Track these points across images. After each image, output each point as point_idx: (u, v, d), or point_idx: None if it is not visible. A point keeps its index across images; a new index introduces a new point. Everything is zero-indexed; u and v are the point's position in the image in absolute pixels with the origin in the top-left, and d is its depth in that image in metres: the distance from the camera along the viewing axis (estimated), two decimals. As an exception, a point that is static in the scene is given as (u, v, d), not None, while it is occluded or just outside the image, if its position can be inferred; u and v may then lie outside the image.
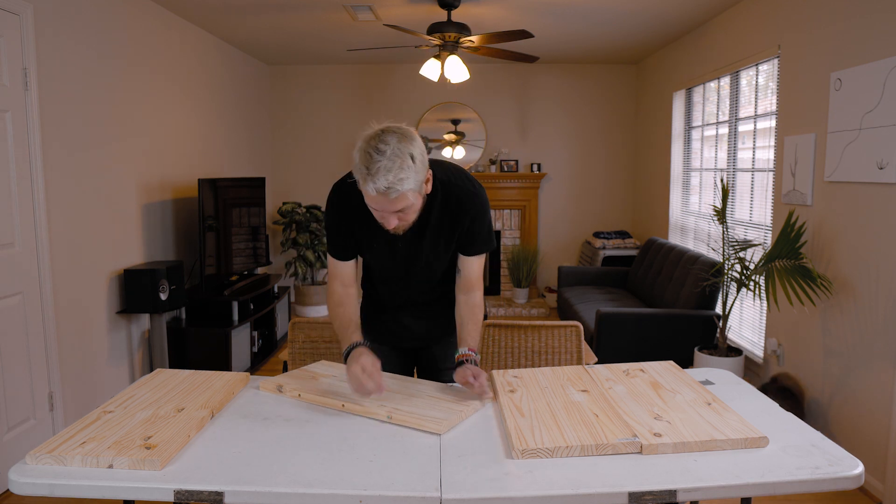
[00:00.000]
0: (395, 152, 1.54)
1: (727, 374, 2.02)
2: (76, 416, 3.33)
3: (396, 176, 1.53)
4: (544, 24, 4.84)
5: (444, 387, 1.84)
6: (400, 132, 1.58)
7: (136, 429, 1.53)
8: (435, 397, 1.75)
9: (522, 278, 6.49)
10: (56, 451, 1.41)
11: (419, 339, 2.07)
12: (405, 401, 1.71)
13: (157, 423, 1.57)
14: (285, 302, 5.54)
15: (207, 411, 1.65)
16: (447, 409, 1.67)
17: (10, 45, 2.89)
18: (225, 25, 4.86)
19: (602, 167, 6.73)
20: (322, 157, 6.69)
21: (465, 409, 1.67)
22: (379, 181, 1.53)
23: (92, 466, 1.38)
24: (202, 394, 1.76)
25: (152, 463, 1.38)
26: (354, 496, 1.31)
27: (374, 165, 1.53)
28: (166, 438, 1.48)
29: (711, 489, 1.33)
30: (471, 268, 1.88)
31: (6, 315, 2.88)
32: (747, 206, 4.20)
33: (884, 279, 2.77)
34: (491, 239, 1.87)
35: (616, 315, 4.05)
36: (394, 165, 1.53)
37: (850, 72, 2.95)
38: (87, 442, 1.45)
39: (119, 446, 1.43)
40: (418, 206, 1.68)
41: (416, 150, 1.59)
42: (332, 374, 1.94)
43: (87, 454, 1.39)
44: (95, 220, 3.58)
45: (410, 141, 1.58)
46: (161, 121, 4.32)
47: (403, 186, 1.56)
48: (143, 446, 1.43)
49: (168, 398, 1.73)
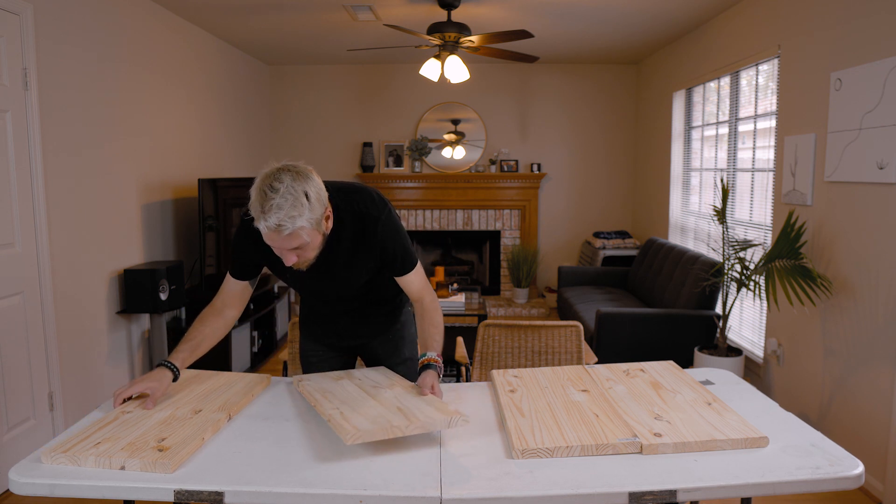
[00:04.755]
0: (288, 190, 1.54)
1: (727, 374, 2.02)
2: (76, 416, 3.33)
3: (288, 213, 1.54)
4: (544, 24, 4.84)
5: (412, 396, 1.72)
6: (295, 170, 1.59)
7: (151, 430, 1.52)
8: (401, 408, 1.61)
9: (522, 278, 6.49)
10: (71, 450, 1.41)
11: (356, 338, 2.10)
12: (363, 410, 1.60)
13: (174, 424, 1.56)
14: (285, 302, 5.54)
15: (224, 414, 1.64)
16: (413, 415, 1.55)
17: (10, 45, 2.89)
18: (225, 25, 4.86)
19: (602, 167, 6.73)
20: (322, 157, 6.69)
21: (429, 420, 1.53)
22: (270, 219, 1.54)
23: (104, 468, 1.38)
24: (221, 395, 1.76)
25: (164, 465, 1.37)
26: (354, 496, 1.31)
27: (268, 203, 1.54)
28: (180, 441, 1.47)
29: (711, 489, 1.33)
30: (409, 284, 1.88)
31: (6, 315, 2.88)
32: (747, 206, 4.20)
33: (884, 279, 2.77)
34: (410, 255, 1.85)
35: (616, 315, 4.05)
36: (285, 203, 1.53)
37: (850, 72, 2.95)
38: (101, 443, 1.45)
39: (132, 448, 1.43)
40: (317, 243, 1.67)
41: (312, 188, 1.59)
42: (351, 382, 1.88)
43: (101, 455, 1.39)
44: (95, 220, 3.58)
45: (305, 179, 1.59)
46: (161, 121, 4.32)
47: (295, 224, 1.56)
48: (156, 448, 1.43)
49: (187, 399, 1.72)
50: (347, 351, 2.17)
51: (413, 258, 1.87)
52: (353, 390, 1.76)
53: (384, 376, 1.89)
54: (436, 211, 6.72)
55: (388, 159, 6.67)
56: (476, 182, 6.62)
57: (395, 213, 1.84)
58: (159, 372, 1.71)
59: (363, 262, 1.83)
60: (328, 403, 1.65)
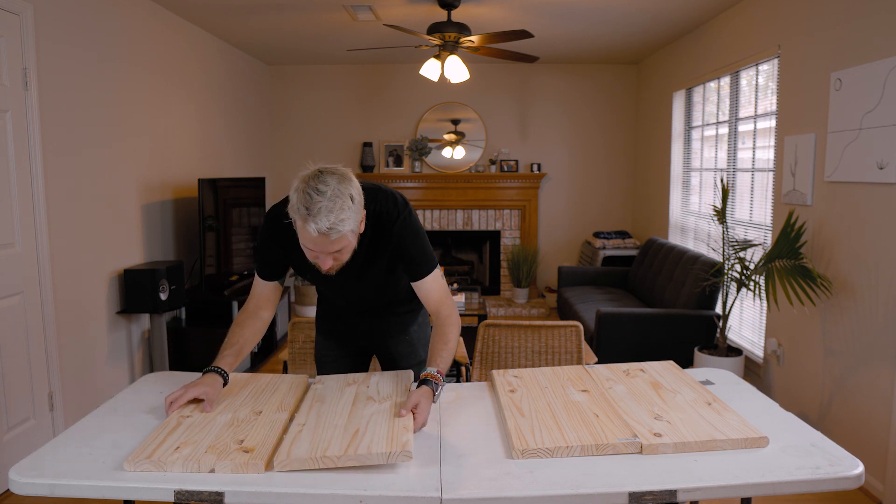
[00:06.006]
0: (335, 193, 1.52)
1: (727, 374, 2.02)
2: (76, 416, 3.33)
3: (338, 217, 1.52)
4: (544, 24, 4.84)
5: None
6: (339, 173, 1.57)
7: (223, 433, 1.51)
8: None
9: (522, 278, 6.49)
10: (154, 455, 1.39)
11: (372, 338, 2.09)
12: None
13: (243, 426, 1.56)
14: (285, 302, 5.55)
15: (286, 413, 1.64)
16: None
17: (10, 45, 2.89)
18: (225, 25, 4.86)
19: (602, 167, 6.73)
20: (322, 158, 6.69)
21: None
22: (321, 222, 1.51)
23: (192, 471, 1.37)
24: (273, 397, 1.75)
25: (255, 466, 1.37)
26: (354, 496, 1.31)
27: (315, 206, 1.50)
28: (260, 441, 1.47)
29: (711, 489, 1.33)
30: (427, 293, 1.83)
31: (6, 315, 2.88)
32: (747, 206, 4.20)
33: (884, 279, 2.77)
34: (427, 259, 1.81)
35: (616, 315, 4.05)
36: (334, 206, 1.51)
37: (850, 72, 2.95)
38: (181, 447, 1.43)
39: (215, 450, 1.42)
40: (353, 246, 1.67)
41: (355, 190, 1.58)
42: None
43: (188, 459, 1.38)
44: (95, 220, 3.58)
45: (349, 182, 1.57)
46: (161, 121, 4.32)
47: (344, 227, 1.54)
48: (241, 450, 1.42)
49: (240, 402, 1.71)
50: (363, 351, 2.15)
51: (430, 263, 1.82)
52: (346, 400, 1.71)
53: (395, 386, 1.80)
54: (436, 211, 6.72)
55: (388, 159, 6.67)
56: (476, 182, 6.62)
57: (416, 216, 1.82)
58: (210, 377, 1.70)
59: (379, 262, 1.82)
60: (304, 415, 1.62)
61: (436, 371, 1.69)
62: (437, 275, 1.84)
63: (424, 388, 1.64)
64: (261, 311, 1.89)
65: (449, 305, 1.84)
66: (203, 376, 1.72)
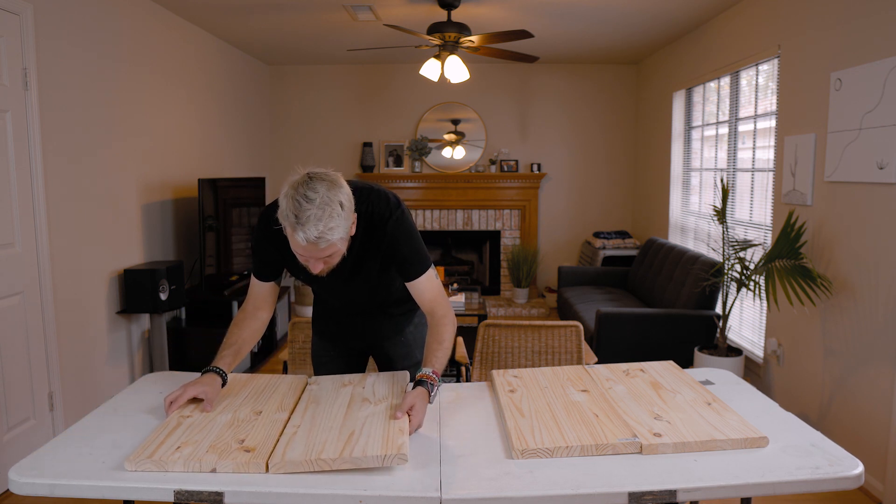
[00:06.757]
0: (324, 200, 1.50)
1: (727, 374, 2.02)
2: (76, 416, 3.33)
3: (327, 225, 1.50)
4: (544, 24, 4.84)
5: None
6: (328, 179, 1.54)
7: (224, 432, 1.52)
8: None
9: (522, 278, 6.49)
10: (155, 455, 1.39)
11: (368, 339, 2.08)
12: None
13: (243, 426, 1.56)
14: (285, 302, 5.54)
15: (285, 413, 1.64)
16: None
17: (10, 45, 2.89)
18: (225, 25, 4.86)
19: (602, 167, 6.73)
20: (322, 157, 6.69)
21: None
22: (309, 230, 1.49)
23: (194, 471, 1.37)
24: (273, 396, 1.75)
25: (257, 466, 1.37)
26: (354, 496, 1.31)
27: (304, 214, 1.48)
28: (260, 440, 1.47)
29: (711, 489, 1.33)
30: (420, 293, 1.81)
31: (6, 315, 2.88)
32: (747, 206, 4.20)
33: (884, 279, 2.77)
34: (420, 259, 1.79)
35: (616, 315, 4.05)
36: (323, 214, 1.49)
37: (850, 72, 2.95)
38: (182, 447, 1.43)
39: (216, 450, 1.42)
40: (344, 250, 1.65)
41: (344, 196, 1.55)
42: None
43: (189, 459, 1.38)
44: (95, 219, 3.58)
45: (338, 188, 1.54)
46: (161, 121, 4.32)
47: (333, 236, 1.52)
48: (242, 449, 1.42)
49: (239, 402, 1.72)
50: (359, 352, 2.14)
51: (424, 263, 1.81)
52: (342, 402, 1.71)
53: (391, 387, 1.80)
54: (436, 211, 6.72)
55: (388, 159, 6.67)
56: (476, 182, 6.62)
57: (409, 216, 1.81)
58: (209, 377, 1.70)
59: (371, 262, 1.81)
60: (299, 417, 1.62)
61: (431, 372, 1.68)
62: (431, 275, 1.83)
63: (420, 389, 1.63)
64: (258, 312, 1.89)
65: (444, 305, 1.82)
66: (202, 376, 1.72)
